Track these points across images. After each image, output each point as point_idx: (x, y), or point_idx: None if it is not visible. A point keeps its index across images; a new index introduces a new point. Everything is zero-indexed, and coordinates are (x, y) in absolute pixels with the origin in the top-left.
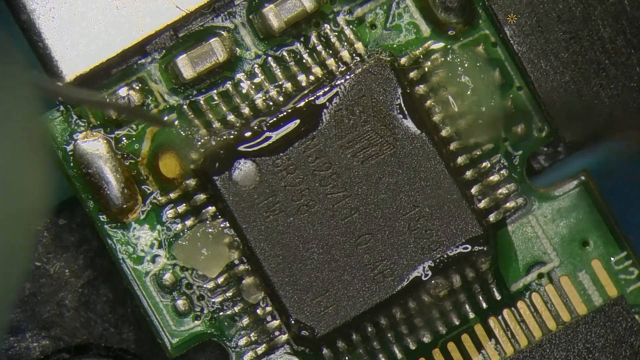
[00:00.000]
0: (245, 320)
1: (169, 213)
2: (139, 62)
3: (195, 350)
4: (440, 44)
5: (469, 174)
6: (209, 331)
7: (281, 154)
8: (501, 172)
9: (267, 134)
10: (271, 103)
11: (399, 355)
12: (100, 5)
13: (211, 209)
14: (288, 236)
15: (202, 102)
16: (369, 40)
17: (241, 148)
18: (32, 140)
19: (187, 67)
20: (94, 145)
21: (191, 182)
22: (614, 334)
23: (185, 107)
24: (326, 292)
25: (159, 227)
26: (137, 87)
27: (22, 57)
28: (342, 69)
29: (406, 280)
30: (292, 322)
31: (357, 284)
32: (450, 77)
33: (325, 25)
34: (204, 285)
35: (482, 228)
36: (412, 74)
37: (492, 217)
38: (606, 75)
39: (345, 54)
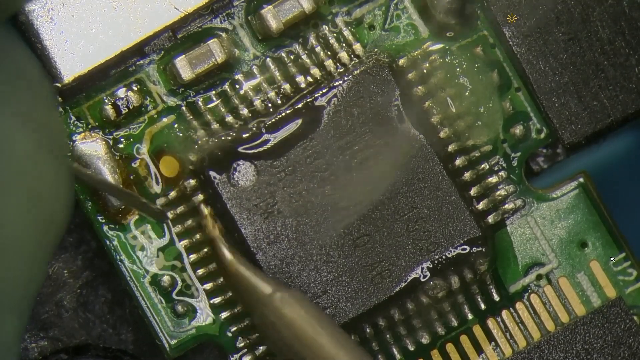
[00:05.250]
0: (244, 322)
1: (167, 214)
2: (138, 63)
3: (194, 351)
4: (439, 45)
5: (467, 175)
6: (207, 332)
7: (279, 155)
8: (500, 173)
9: (266, 135)
10: (269, 104)
11: (398, 356)
12: (99, 6)
13: (209, 209)
14: (286, 237)
15: (200, 103)
16: (368, 42)
17: (239, 149)
18: (51, 139)
19: (185, 68)
20: (92, 147)
21: (190, 183)
22: (612, 335)
23: (183, 108)
24: (324, 294)
25: (157, 227)
26: (136, 88)
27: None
28: (341, 70)
29: (404, 281)
30: None
31: (356, 285)
32: (449, 78)
33: (324, 26)
34: (203, 286)
35: (481, 229)
36: (410, 75)
37: (490, 219)
38: (605, 77)
39: (343, 55)
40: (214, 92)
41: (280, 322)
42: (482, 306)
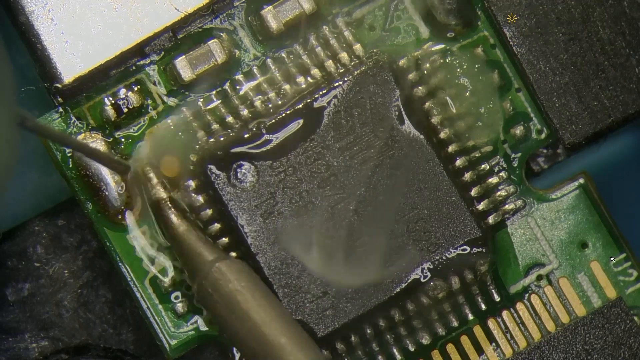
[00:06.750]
0: None
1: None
2: (138, 63)
3: (194, 352)
4: (439, 46)
5: (467, 175)
6: (208, 333)
7: (280, 156)
8: (500, 174)
9: (266, 136)
10: (270, 105)
11: (398, 357)
12: (99, 6)
13: (210, 210)
14: (287, 238)
15: (200, 103)
16: (368, 42)
17: (240, 150)
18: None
19: (185, 68)
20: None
21: (190, 183)
22: (612, 336)
23: (183, 108)
24: (325, 294)
25: (158, 228)
26: (136, 89)
27: None
28: (341, 71)
29: (405, 282)
30: None
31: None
32: (449, 78)
33: (324, 26)
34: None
35: (481, 230)
36: (410, 76)
37: (491, 219)
38: (605, 77)
39: (344, 56)
40: (214, 92)
41: (216, 293)
42: (483, 307)
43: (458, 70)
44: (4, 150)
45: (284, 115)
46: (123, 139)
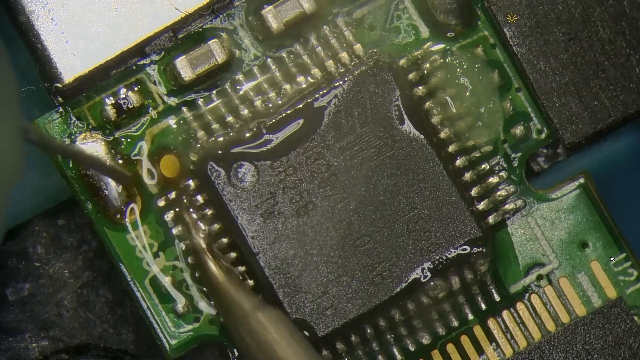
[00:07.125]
0: None
1: (168, 214)
2: (138, 63)
3: (194, 352)
4: (439, 46)
5: (467, 175)
6: (208, 332)
7: (280, 156)
8: (500, 173)
9: (266, 135)
10: (270, 105)
11: (398, 357)
12: (99, 6)
13: (210, 210)
14: (287, 238)
15: (201, 103)
16: (368, 42)
17: (240, 149)
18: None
19: (186, 68)
20: (93, 147)
21: (190, 183)
22: (612, 336)
23: (184, 108)
24: (325, 294)
25: (158, 228)
26: (136, 89)
27: None
28: (341, 71)
29: (405, 281)
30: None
31: (356, 285)
32: (449, 78)
33: (324, 26)
34: (203, 287)
35: (481, 230)
36: (410, 76)
37: (491, 219)
38: (605, 77)
39: (344, 56)
40: (214, 92)
41: (254, 342)
42: (483, 306)
43: (458, 70)
44: (8, 161)
45: (284, 115)
46: (123, 139)
